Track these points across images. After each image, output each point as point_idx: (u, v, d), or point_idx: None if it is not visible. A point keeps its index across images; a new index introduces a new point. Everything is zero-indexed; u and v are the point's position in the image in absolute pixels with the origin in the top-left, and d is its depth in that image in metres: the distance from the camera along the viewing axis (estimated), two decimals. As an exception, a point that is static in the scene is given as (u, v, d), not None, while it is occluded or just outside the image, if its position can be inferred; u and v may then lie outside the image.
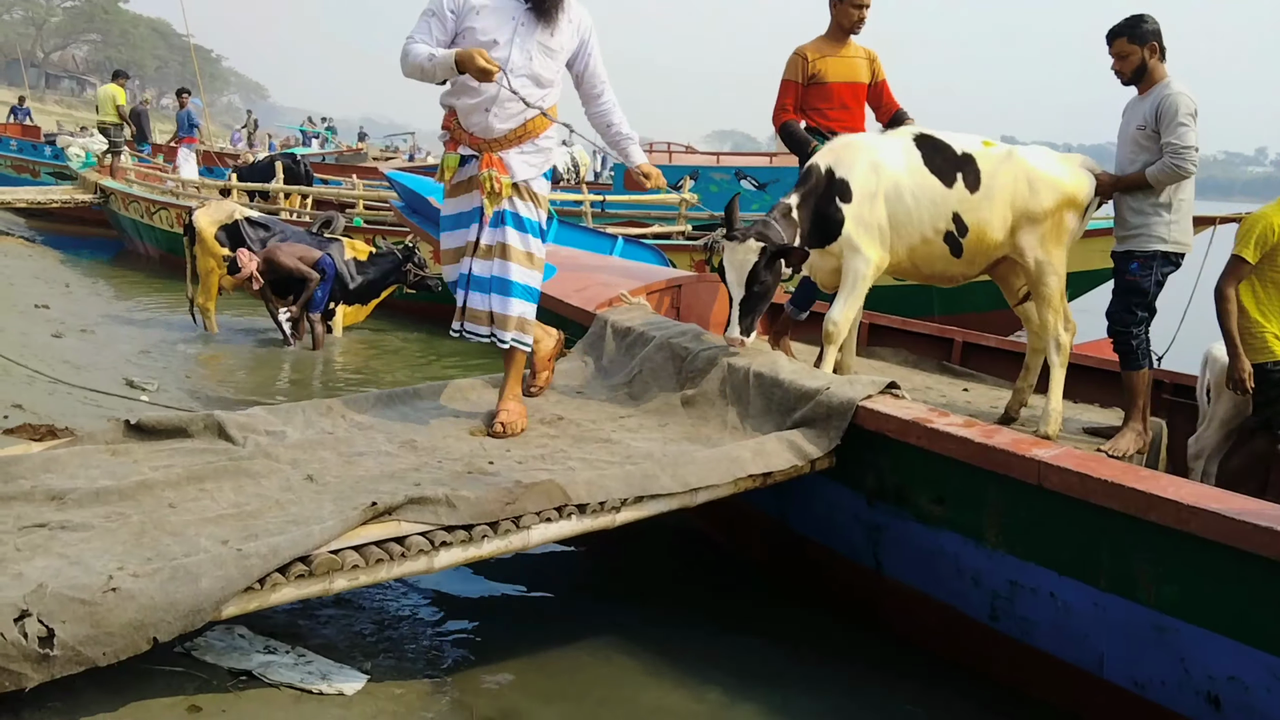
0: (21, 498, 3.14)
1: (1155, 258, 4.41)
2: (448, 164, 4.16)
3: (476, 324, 4.19)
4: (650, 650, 3.74)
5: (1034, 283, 4.56)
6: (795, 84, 5.14)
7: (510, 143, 4.09)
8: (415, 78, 4.02)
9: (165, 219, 12.98)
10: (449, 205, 4.26)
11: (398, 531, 3.04)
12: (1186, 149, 4.29)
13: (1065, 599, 3.32)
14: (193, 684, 2.96)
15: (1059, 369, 4.56)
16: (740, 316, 4.29)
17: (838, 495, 4.01)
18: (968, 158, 4.48)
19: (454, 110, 4.12)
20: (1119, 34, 4.42)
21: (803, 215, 4.42)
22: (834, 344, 4.45)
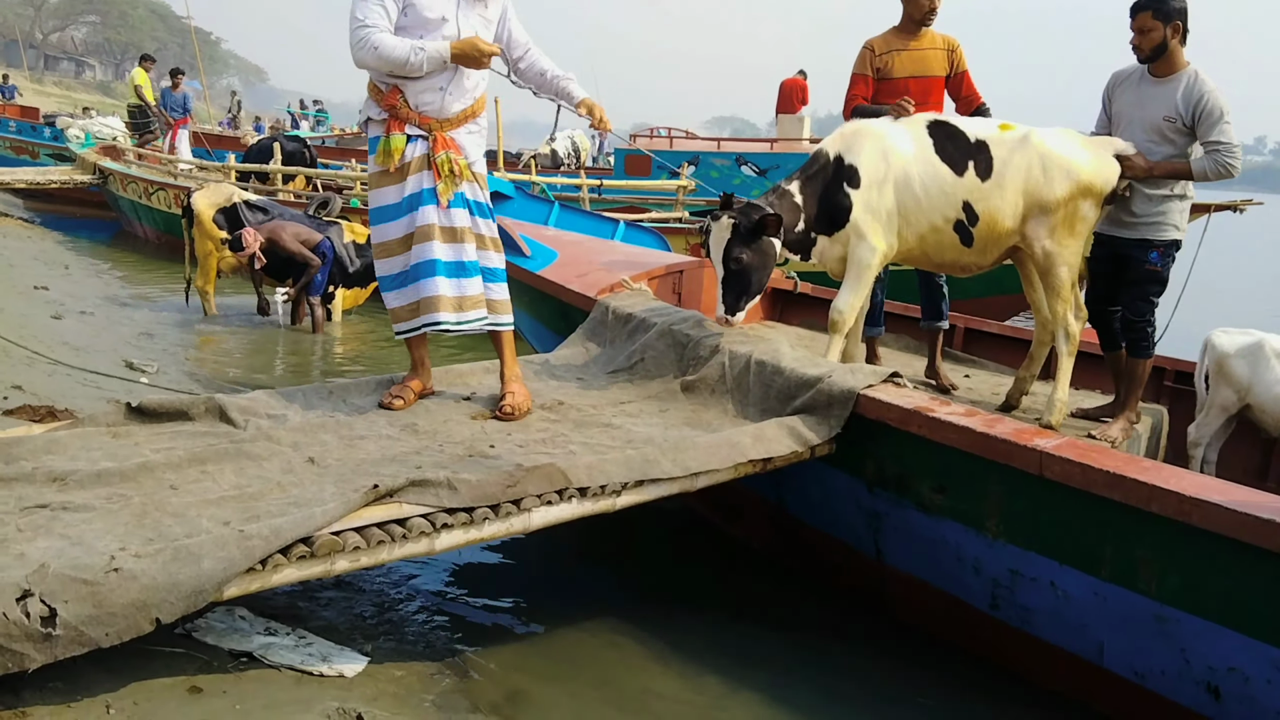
0: (23, 479, 3.13)
1: (1173, 245, 4.40)
2: (395, 146, 3.93)
3: (466, 310, 4.04)
4: (651, 634, 3.75)
5: (1042, 273, 4.48)
6: (864, 77, 5.00)
7: (460, 122, 4.01)
8: (382, 68, 3.84)
9: (163, 200, 12.94)
10: (388, 191, 4.02)
11: (399, 513, 3.04)
12: (1237, 148, 4.25)
13: (1066, 588, 3.33)
14: (193, 665, 2.96)
15: (1066, 358, 4.49)
16: (723, 295, 4.31)
17: (838, 482, 4.01)
18: (981, 145, 4.40)
19: (398, 89, 3.93)
20: (1144, 7, 4.30)
21: (808, 200, 4.41)
22: (840, 332, 4.44)
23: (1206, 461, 4.84)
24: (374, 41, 3.74)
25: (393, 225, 4.03)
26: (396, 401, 4.03)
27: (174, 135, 16.17)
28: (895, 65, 4.96)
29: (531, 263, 5.82)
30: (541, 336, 6.24)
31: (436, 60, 3.79)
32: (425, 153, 3.96)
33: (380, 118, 3.98)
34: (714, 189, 7.70)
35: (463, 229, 4.03)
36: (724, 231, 4.25)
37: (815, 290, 6.40)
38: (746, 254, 4.24)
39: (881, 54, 4.97)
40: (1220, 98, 4.24)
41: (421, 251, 3.97)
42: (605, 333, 4.97)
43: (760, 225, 4.20)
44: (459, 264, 4.03)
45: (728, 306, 4.32)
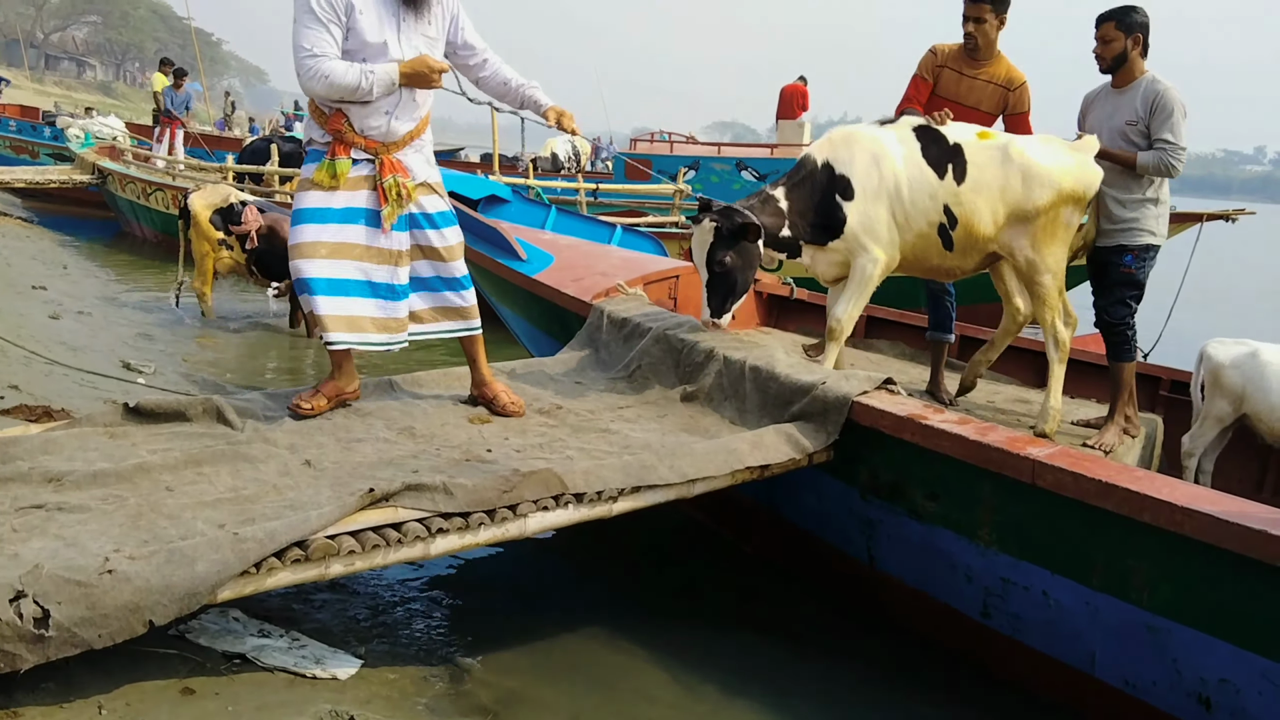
0: (19, 479, 3.13)
1: (1148, 250, 4.45)
2: (340, 170, 3.83)
3: (393, 332, 4.00)
4: (648, 640, 3.75)
5: (1026, 281, 4.54)
6: (921, 79, 4.84)
7: (405, 143, 3.94)
8: (333, 96, 3.72)
9: (161, 200, 12.95)
10: (316, 195, 3.87)
11: (395, 518, 3.05)
12: (1182, 149, 4.31)
13: (1057, 597, 3.34)
14: (186, 667, 2.97)
15: (1058, 365, 4.51)
16: (708, 298, 4.35)
17: (833, 489, 4.02)
18: (957, 149, 4.42)
19: (342, 113, 3.82)
20: (1108, 18, 4.40)
21: (794, 207, 4.41)
22: (838, 341, 4.48)
23: (1202, 471, 4.84)
24: (324, 70, 3.64)
25: (325, 229, 3.86)
26: (304, 405, 3.89)
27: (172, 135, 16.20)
28: (944, 83, 4.80)
29: (527, 266, 5.83)
30: (536, 340, 6.25)
31: (386, 83, 3.70)
32: (369, 174, 3.89)
33: (324, 140, 3.88)
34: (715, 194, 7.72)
35: (401, 252, 3.97)
36: (706, 235, 4.27)
37: (811, 296, 6.42)
38: (730, 256, 4.26)
39: (939, 65, 4.78)
40: (1176, 97, 4.31)
41: (342, 268, 3.87)
42: (601, 337, 4.98)
43: (742, 230, 4.23)
44: (389, 286, 3.97)
45: (714, 309, 4.36)
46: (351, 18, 3.70)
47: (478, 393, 4.25)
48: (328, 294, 3.85)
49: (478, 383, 4.25)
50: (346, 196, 3.87)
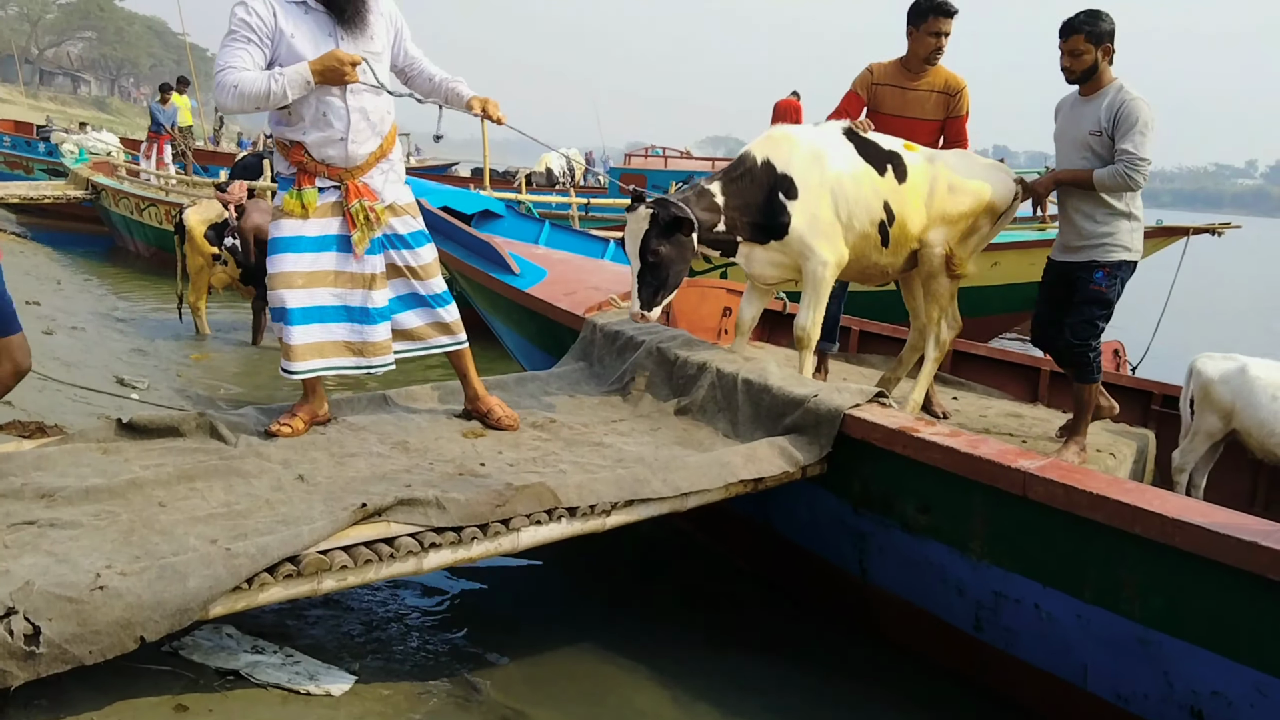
0: (11, 495, 3.13)
1: (1121, 267, 4.36)
2: (308, 200, 3.80)
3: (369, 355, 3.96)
4: (641, 656, 3.74)
5: (927, 278, 4.62)
6: (856, 95, 4.98)
7: (370, 165, 3.88)
8: (248, 107, 3.63)
9: (155, 215, 12.96)
10: (289, 224, 3.83)
11: (387, 533, 3.05)
12: (1143, 161, 4.20)
13: (1049, 610, 3.34)
14: (179, 683, 2.96)
15: (932, 363, 4.72)
16: (639, 289, 4.20)
17: (824, 502, 4.03)
18: (893, 153, 4.52)
19: (301, 145, 3.79)
20: (1075, 30, 4.28)
21: (731, 203, 4.33)
22: (808, 348, 4.46)
23: (1194, 486, 4.85)
24: (232, 81, 3.57)
25: (300, 258, 3.84)
26: (284, 429, 3.86)
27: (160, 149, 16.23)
28: (884, 100, 4.93)
29: (520, 281, 5.84)
30: (530, 354, 6.26)
31: (298, 81, 3.59)
32: (336, 200, 3.85)
33: (290, 172, 3.86)
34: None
35: (375, 275, 3.94)
36: (641, 222, 4.14)
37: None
38: (665, 246, 4.15)
39: (876, 83, 4.94)
40: (1141, 107, 4.21)
41: (318, 296, 3.86)
42: (594, 351, 5.00)
43: (677, 222, 4.13)
44: (363, 310, 3.94)
45: (644, 301, 4.19)
46: (281, 42, 3.65)
47: (472, 407, 4.24)
48: (303, 323, 3.84)
49: (471, 397, 4.24)
50: (319, 224, 3.85)
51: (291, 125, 3.79)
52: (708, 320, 6.15)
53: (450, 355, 4.22)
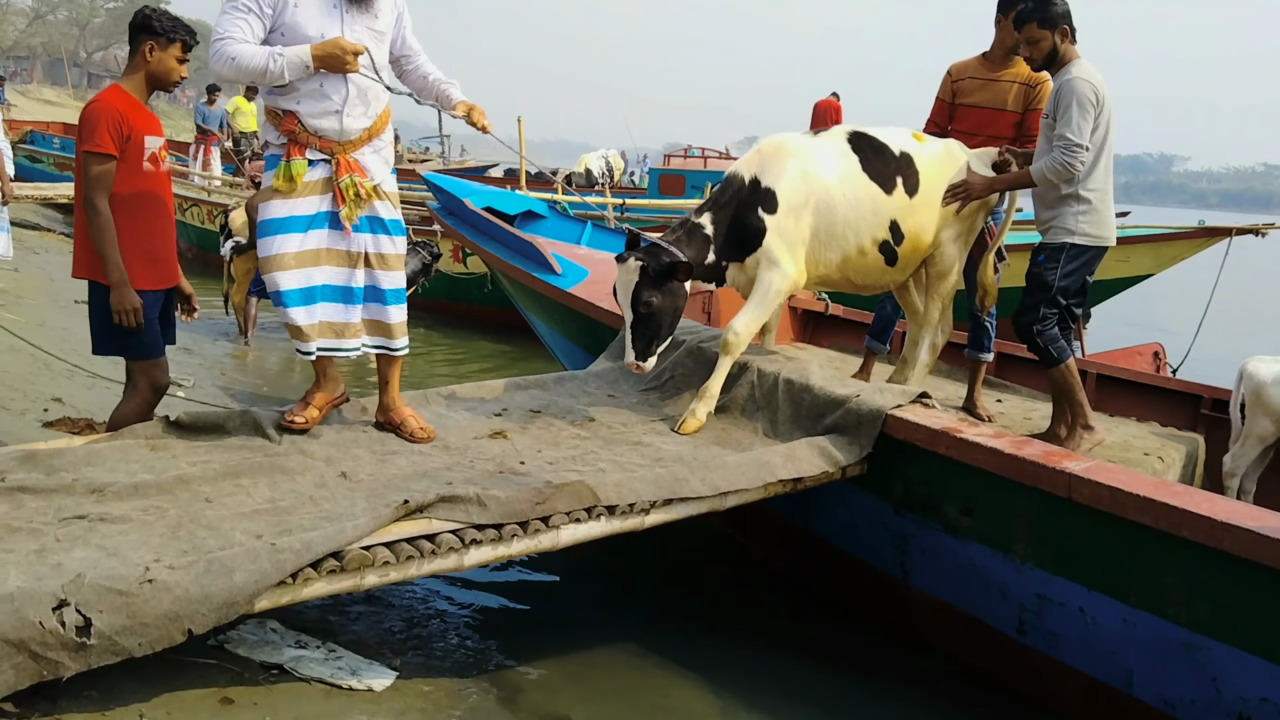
0: (63, 490, 3.19)
1: (1063, 250, 4.23)
2: (296, 171, 3.73)
3: (346, 338, 3.88)
4: (680, 658, 3.74)
5: (936, 278, 4.56)
6: (941, 101, 4.95)
7: (363, 142, 3.83)
8: (242, 79, 3.69)
9: (197, 215, 13.12)
10: (278, 205, 3.77)
11: (429, 529, 3.08)
12: (1077, 146, 4.05)
13: (1094, 614, 3.30)
14: (225, 676, 3.01)
15: (924, 368, 4.69)
16: (633, 340, 4.09)
17: (865, 503, 4.00)
18: (906, 159, 4.39)
19: (294, 114, 3.74)
20: (1028, 19, 4.17)
21: (719, 229, 4.25)
22: (731, 355, 4.26)
23: (1244, 491, 4.77)
24: (230, 53, 3.56)
25: (289, 239, 3.78)
26: (297, 419, 3.82)
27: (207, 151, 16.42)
28: (966, 93, 4.87)
29: (562, 280, 5.86)
30: (570, 353, 6.28)
31: (297, 65, 3.57)
32: (326, 176, 3.79)
33: (279, 142, 3.79)
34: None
35: (359, 254, 3.86)
36: (631, 275, 4.03)
37: (846, 312, 6.40)
38: (656, 297, 4.03)
39: (957, 79, 4.90)
40: (1078, 86, 4.05)
41: (314, 275, 3.81)
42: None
43: (670, 270, 4.03)
44: (346, 289, 3.87)
45: (638, 352, 4.09)
46: (285, 12, 3.62)
47: (383, 417, 4.03)
48: (304, 303, 3.79)
49: (384, 407, 4.04)
50: (313, 202, 3.79)
51: (285, 94, 3.73)
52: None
53: (380, 358, 4.02)
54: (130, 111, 3.82)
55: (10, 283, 9.03)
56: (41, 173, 18.17)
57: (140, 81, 3.90)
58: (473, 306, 10.59)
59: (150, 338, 3.92)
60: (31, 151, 19.09)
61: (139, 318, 3.80)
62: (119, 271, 3.76)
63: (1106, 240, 4.27)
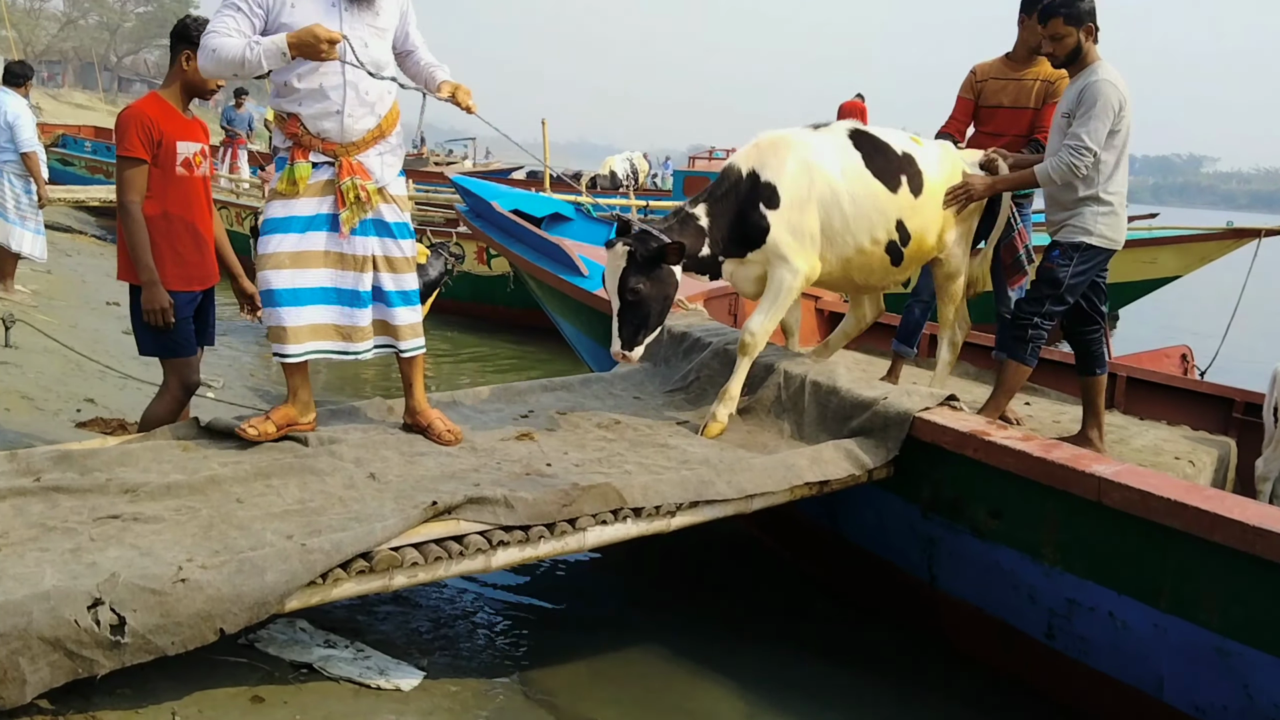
0: (97, 490, 3.24)
1: (1078, 249, 4.22)
2: (300, 175, 3.70)
3: (355, 341, 3.85)
4: (709, 662, 3.74)
5: (946, 280, 4.56)
6: (964, 99, 4.95)
7: (368, 144, 3.78)
8: (224, 72, 3.61)
9: (226, 218, 13.24)
10: (279, 205, 3.75)
11: (457, 530, 3.09)
12: (1086, 150, 4.04)
13: (1124, 619, 3.28)
14: (256, 675, 3.04)
15: (948, 365, 4.70)
16: (619, 328, 3.99)
17: (892, 506, 3.99)
18: (909, 158, 4.35)
19: (297, 117, 3.72)
20: (1053, 14, 4.11)
21: (716, 222, 4.17)
22: (750, 356, 4.22)
23: (1277, 496, 4.72)
24: (212, 45, 3.52)
25: (286, 238, 3.74)
26: (250, 430, 3.71)
27: (234, 154, 16.56)
28: (991, 94, 4.88)
29: (589, 282, 5.87)
30: (597, 355, 6.29)
31: (274, 53, 3.50)
32: (329, 178, 3.75)
33: (285, 146, 3.78)
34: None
35: (365, 258, 3.82)
36: (619, 260, 3.93)
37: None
38: (644, 284, 3.92)
39: (981, 80, 4.89)
40: (1104, 89, 4.02)
41: (304, 277, 3.75)
42: (661, 352, 5.01)
43: (659, 254, 3.92)
44: (353, 293, 3.82)
45: (624, 340, 3.99)
46: (282, 12, 3.59)
47: (411, 420, 4.04)
48: (292, 304, 3.74)
49: (411, 410, 4.04)
50: (312, 204, 3.75)
51: (288, 97, 3.71)
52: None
53: (400, 360, 4.01)
54: (162, 117, 3.89)
55: (44, 285, 9.14)
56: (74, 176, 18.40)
57: (177, 89, 3.99)
58: (497, 308, 10.64)
59: (181, 337, 3.98)
60: (64, 155, 19.33)
61: (168, 317, 3.86)
62: (149, 271, 3.84)
63: (1118, 244, 4.28)
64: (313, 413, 3.93)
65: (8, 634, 2.44)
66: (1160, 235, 9.98)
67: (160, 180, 3.88)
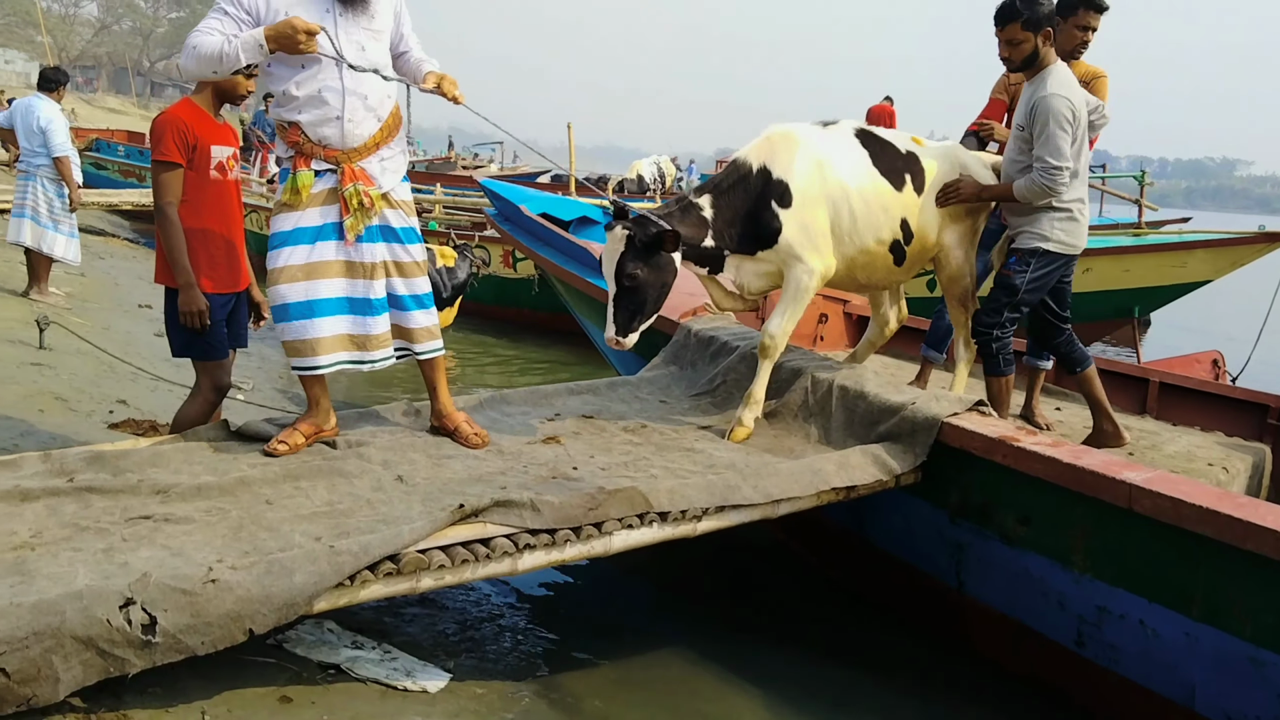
0: (129, 490, 3.27)
1: (1035, 254, 4.19)
2: (303, 183, 3.68)
3: (370, 349, 3.83)
4: (735, 667, 3.74)
5: (951, 283, 4.50)
6: (997, 100, 4.90)
7: (369, 150, 3.75)
8: (206, 70, 3.56)
9: (256, 221, 13.36)
10: (287, 218, 3.74)
11: (483, 533, 3.11)
12: (1057, 169, 4.01)
13: (1155, 627, 3.24)
14: (284, 675, 3.06)
15: (964, 365, 4.60)
16: (614, 314, 3.92)
17: (920, 511, 3.97)
18: (911, 156, 4.33)
19: (298, 125, 3.70)
20: (1012, 18, 4.03)
21: (720, 214, 4.11)
22: (770, 358, 4.20)
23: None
24: (192, 44, 3.52)
25: (296, 250, 3.74)
26: (280, 446, 3.69)
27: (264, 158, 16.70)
28: None
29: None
30: (624, 359, 6.29)
31: (252, 46, 3.47)
32: (332, 186, 3.73)
33: (288, 155, 3.76)
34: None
35: (374, 265, 3.80)
36: (617, 244, 3.87)
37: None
38: (642, 270, 3.86)
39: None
40: (1053, 104, 3.97)
41: (318, 289, 3.74)
42: (688, 355, 5.01)
43: (657, 240, 3.86)
44: (365, 301, 3.80)
45: (619, 326, 3.92)
46: (271, 15, 3.56)
47: (437, 423, 4.03)
48: (305, 318, 3.74)
49: (437, 413, 4.03)
50: (317, 214, 3.73)
51: (288, 105, 3.70)
52: (803, 326, 6.11)
53: (422, 364, 4.01)
54: (196, 122, 3.93)
55: (77, 287, 9.25)
56: (107, 179, 18.61)
57: (209, 94, 4.03)
58: (522, 311, 10.68)
59: (215, 339, 4.03)
60: (97, 159, 19.54)
61: (204, 319, 3.90)
62: (186, 274, 3.88)
63: (1077, 249, 4.26)
64: (334, 420, 3.94)
65: (41, 632, 2.47)
66: (1189, 239, 9.89)
67: (195, 184, 3.93)
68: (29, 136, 8.37)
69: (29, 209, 8.30)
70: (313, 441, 3.82)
